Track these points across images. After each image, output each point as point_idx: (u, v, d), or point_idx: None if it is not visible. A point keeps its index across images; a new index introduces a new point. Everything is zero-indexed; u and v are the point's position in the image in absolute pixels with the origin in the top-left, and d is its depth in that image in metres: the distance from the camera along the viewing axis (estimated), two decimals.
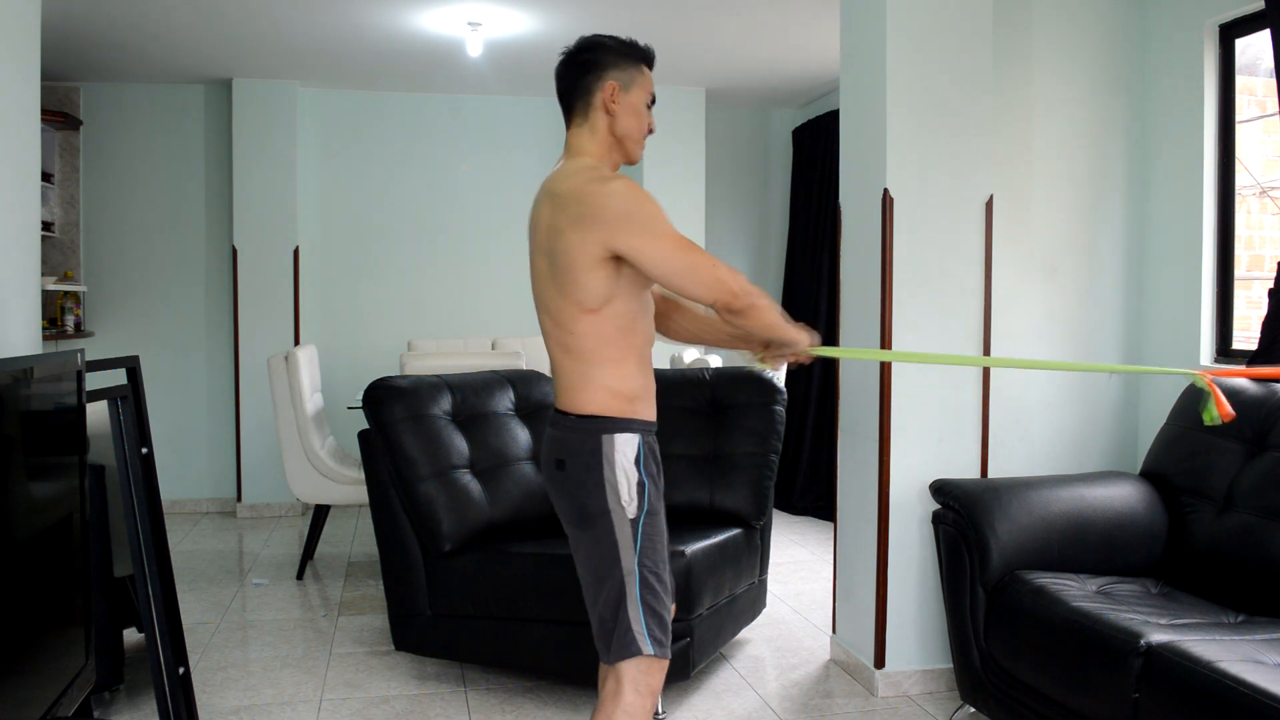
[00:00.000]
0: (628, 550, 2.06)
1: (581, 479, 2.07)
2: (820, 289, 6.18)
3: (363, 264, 6.43)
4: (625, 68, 2.16)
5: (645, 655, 2.04)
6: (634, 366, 2.11)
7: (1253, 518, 2.73)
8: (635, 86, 2.16)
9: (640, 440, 2.09)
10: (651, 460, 2.12)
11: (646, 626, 2.05)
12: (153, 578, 2.74)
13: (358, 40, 5.19)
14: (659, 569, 2.08)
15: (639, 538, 2.06)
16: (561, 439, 2.12)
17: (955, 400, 3.30)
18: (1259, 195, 3.83)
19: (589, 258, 2.02)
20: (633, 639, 2.04)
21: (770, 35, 5.09)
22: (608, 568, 2.06)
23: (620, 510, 2.05)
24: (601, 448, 2.06)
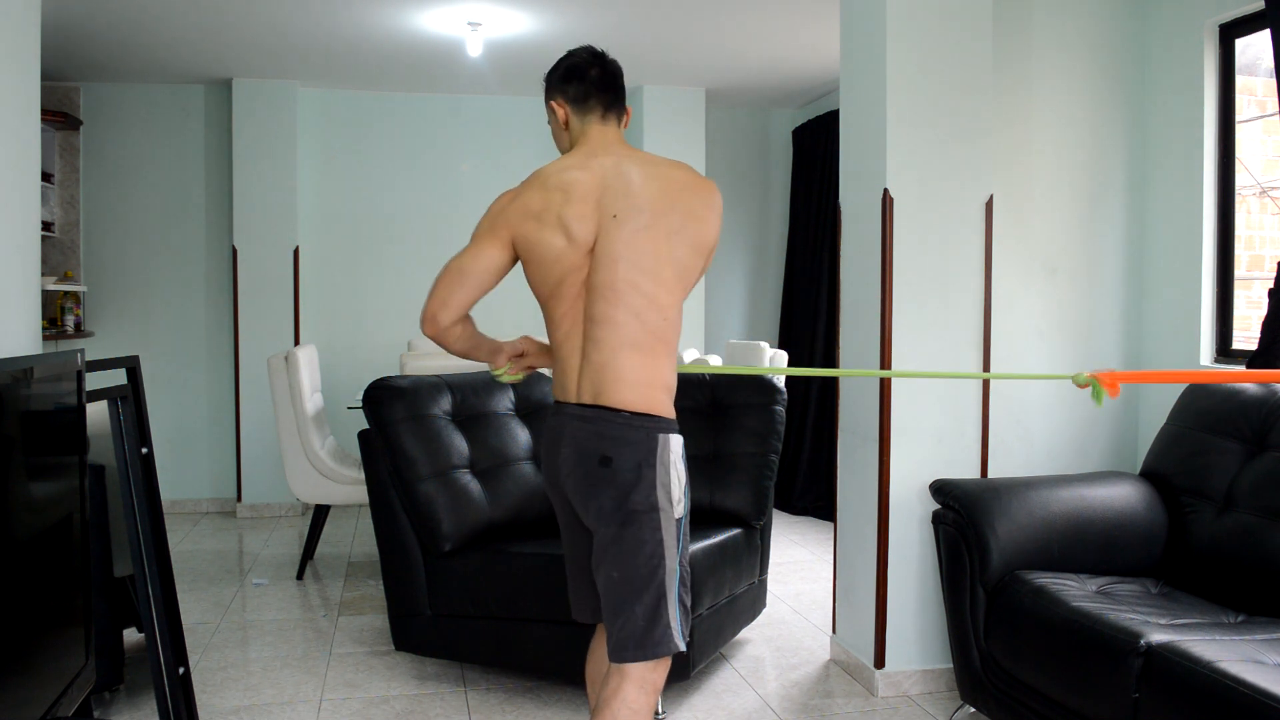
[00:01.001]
0: (672, 549, 2.06)
1: (632, 476, 2.05)
2: (820, 289, 6.18)
3: (363, 264, 6.43)
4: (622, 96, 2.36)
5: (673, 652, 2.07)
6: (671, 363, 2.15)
7: (1253, 518, 2.73)
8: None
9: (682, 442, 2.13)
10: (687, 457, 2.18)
11: (680, 624, 2.07)
12: (153, 578, 2.74)
13: (358, 40, 5.19)
14: (689, 567, 2.17)
15: (681, 537, 2.08)
16: (610, 436, 2.07)
17: (955, 400, 3.30)
18: (1259, 195, 3.83)
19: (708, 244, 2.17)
20: (670, 636, 2.05)
21: (770, 35, 5.09)
22: (652, 566, 2.05)
23: (670, 509, 2.06)
24: (658, 447, 2.06)
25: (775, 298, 6.95)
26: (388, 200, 6.45)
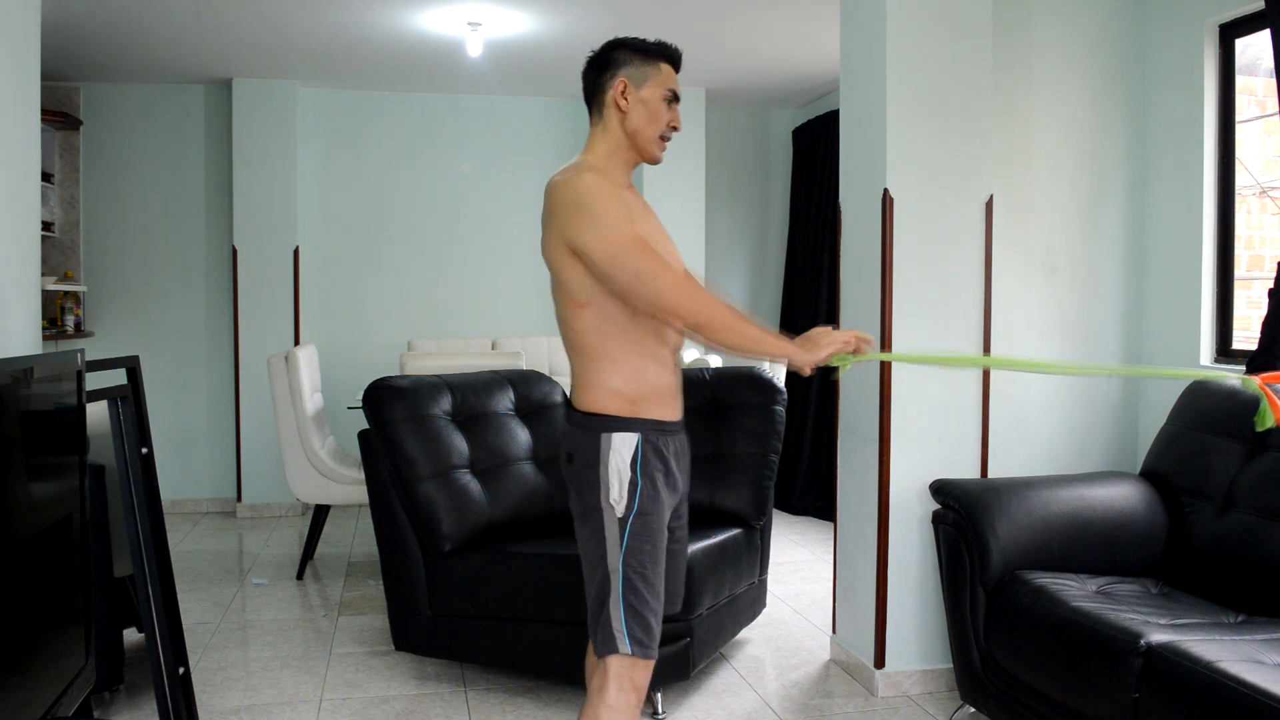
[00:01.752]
0: (614, 549, 2.08)
1: (583, 474, 2.11)
2: (820, 289, 6.18)
3: (363, 264, 6.43)
4: (639, 65, 2.18)
5: (623, 654, 2.06)
6: (637, 365, 2.11)
7: (1253, 518, 2.73)
8: (649, 83, 2.17)
9: (640, 440, 2.09)
10: (657, 461, 2.11)
11: (626, 626, 2.06)
12: (153, 578, 2.74)
13: (358, 40, 5.19)
14: (645, 570, 2.07)
15: (625, 538, 2.07)
16: (570, 434, 2.16)
17: (955, 400, 3.30)
18: (1259, 195, 3.83)
19: (558, 251, 2.08)
20: (612, 636, 2.07)
21: (770, 35, 5.09)
22: (596, 563, 2.10)
23: (610, 509, 2.07)
24: (600, 445, 2.08)
25: (775, 297, 6.95)
26: (388, 200, 6.44)
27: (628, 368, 2.10)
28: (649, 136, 2.19)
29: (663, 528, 2.13)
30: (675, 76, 2.21)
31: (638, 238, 2.02)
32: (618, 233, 2.01)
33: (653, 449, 2.10)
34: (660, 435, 2.13)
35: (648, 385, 2.12)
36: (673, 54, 2.22)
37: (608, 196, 2.05)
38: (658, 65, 2.19)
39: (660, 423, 2.14)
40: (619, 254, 2.01)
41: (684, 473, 2.24)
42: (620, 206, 2.05)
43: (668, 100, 2.18)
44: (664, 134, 2.20)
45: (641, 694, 2.11)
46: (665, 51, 2.21)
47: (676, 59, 2.22)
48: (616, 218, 2.02)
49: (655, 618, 2.09)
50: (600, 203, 2.04)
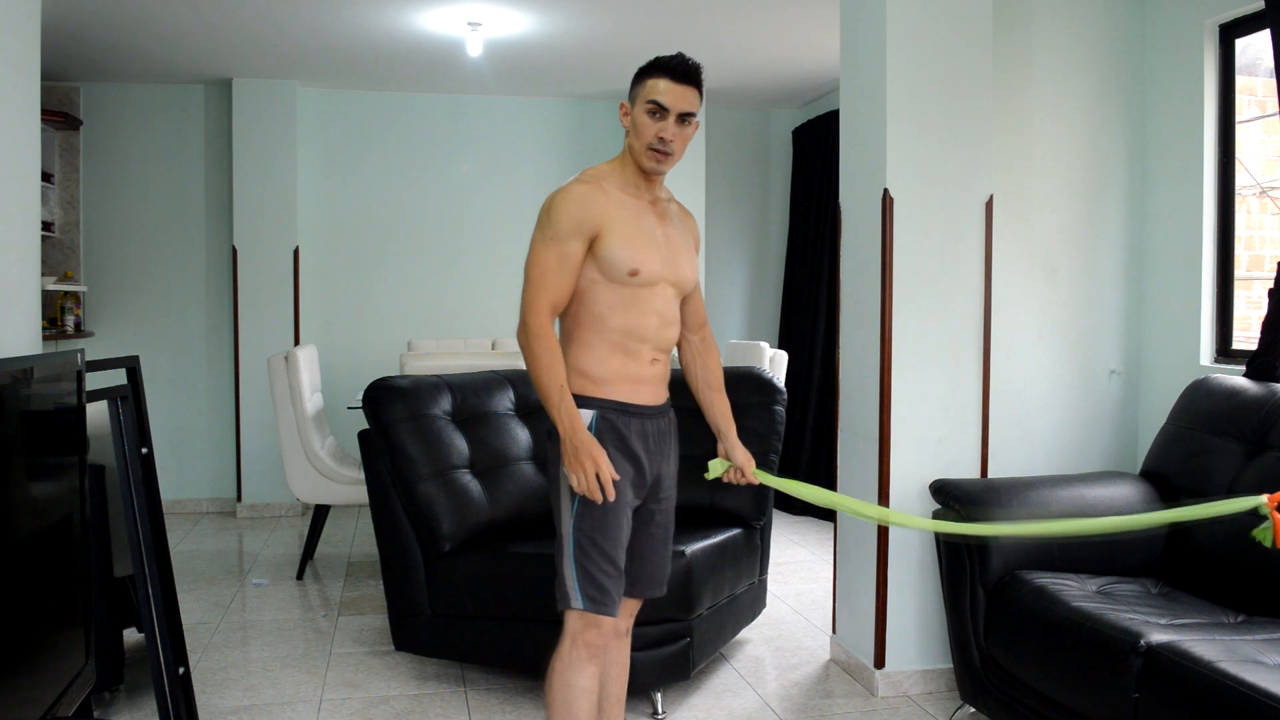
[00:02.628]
0: (566, 514, 2.28)
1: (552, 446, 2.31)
2: (820, 289, 6.18)
3: (363, 264, 6.43)
4: (635, 84, 2.33)
5: (576, 610, 2.26)
6: (605, 352, 2.29)
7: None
8: (637, 100, 2.30)
9: (596, 416, 2.27)
10: (611, 436, 2.27)
11: (579, 584, 2.25)
12: (153, 578, 2.74)
13: (358, 40, 5.19)
14: (595, 536, 2.25)
15: (575, 504, 2.26)
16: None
17: (955, 400, 3.30)
18: (1259, 195, 3.83)
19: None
20: (566, 592, 2.27)
21: (770, 35, 5.09)
22: (556, 525, 2.32)
23: (563, 477, 2.26)
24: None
25: (775, 298, 6.95)
26: (388, 200, 6.44)
27: (596, 353, 2.29)
28: (638, 150, 2.31)
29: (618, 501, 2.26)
30: (665, 87, 2.26)
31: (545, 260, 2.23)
32: (538, 246, 2.25)
33: (608, 425, 2.27)
34: (621, 414, 2.29)
35: (613, 371, 2.29)
36: (666, 65, 2.28)
37: (564, 212, 2.24)
38: (644, 82, 2.30)
39: (624, 404, 2.30)
40: (529, 260, 2.26)
41: (658, 455, 2.37)
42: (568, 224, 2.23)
43: (650, 113, 2.27)
44: (652, 145, 2.28)
45: (593, 651, 2.29)
46: (658, 64, 2.29)
47: (672, 69, 2.27)
48: (555, 230, 2.23)
49: (609, 579, 2.26)
50: (550, 214, 2.25)
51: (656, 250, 2.31)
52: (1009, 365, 3.55)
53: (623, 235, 2.25)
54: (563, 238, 2.22)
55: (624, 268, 2.25)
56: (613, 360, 2.29)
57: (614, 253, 2.24)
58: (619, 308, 2.27)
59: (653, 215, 2.34)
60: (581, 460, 2.18)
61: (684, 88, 2.26)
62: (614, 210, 2.27)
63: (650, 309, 2.31)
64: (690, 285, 2.42)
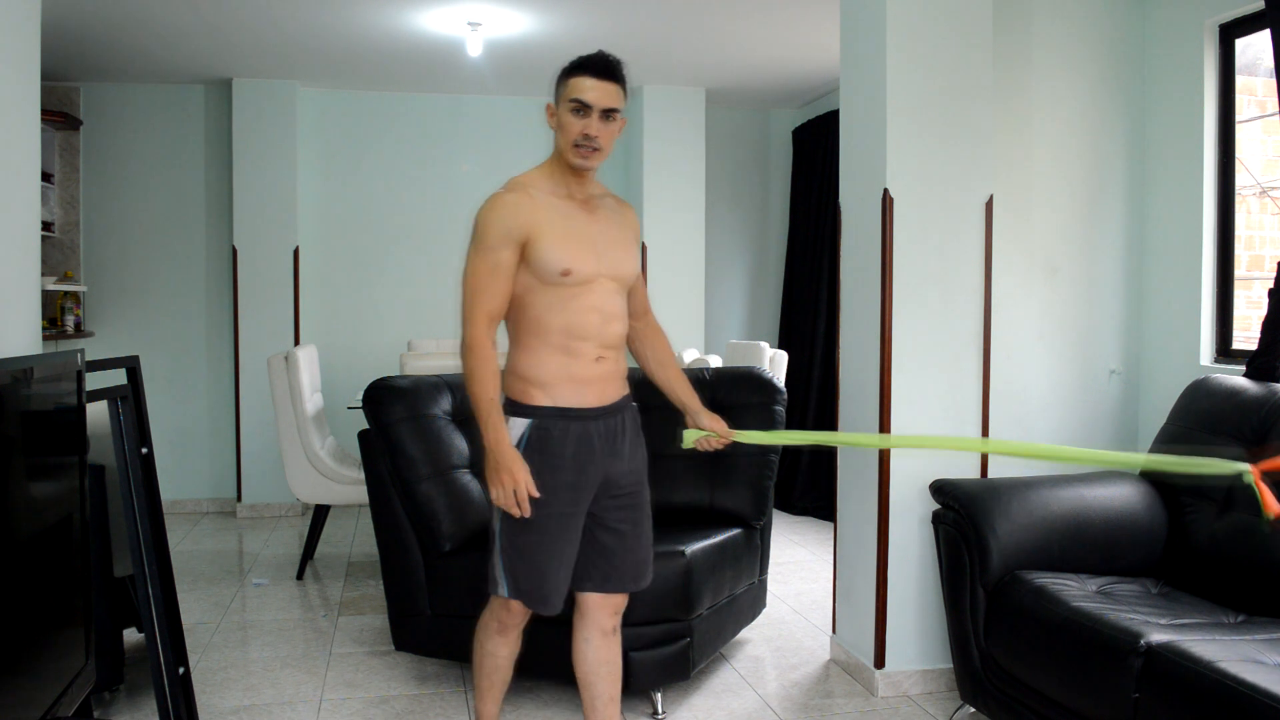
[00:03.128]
0: (496, 512, 2.40)
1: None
2: (820, 289, 6.18)
3: (363, 264, 6.43)
4: (558, 85, 2.39)
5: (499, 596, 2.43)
6: (545, 354, 2.35)
7: (1253, 518, 2.72)
8: (561, 100, 2.37)
9: (530, 426, 2.35)
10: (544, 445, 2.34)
11: (505, 576, 2.40)
12: (153, 578, 2.74)
13: (358, 40, 5.19)
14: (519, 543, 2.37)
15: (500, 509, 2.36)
16: None
17: (955, 400, 3.30)
18: (1259, 195, 3.83)
19: None
20: (495, 580, 2.43)
21: (770, 35, 5.09)
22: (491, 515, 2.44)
23: None
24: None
25: (775, 298, 6.95)
26: (388, 200, 6.44)
27: (537, 356, 2.36)
28: (565, 148, 2.37)
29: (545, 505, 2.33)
30: (589, 85, 2.31)
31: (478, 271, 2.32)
32: (471, 258, 2.34)
33: (542, 436, 2.34)
34: (559, 420, 2.35)
35: (554, 373, 2.35)
36: (588, 64, 2.32)
37: (489, 219, 2.31)
38: (567, 81, 2.35)
39: (565, 409, 2.35)
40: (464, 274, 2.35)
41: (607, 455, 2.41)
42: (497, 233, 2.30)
43: (574, 111, 2.32)
44: (578, 142, 2.34)
45: (502, 628, 2.50)
46: (580, 63, 2.34)
47: (594, 66, 2.32)
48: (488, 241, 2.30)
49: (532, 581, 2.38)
50: (481, 225, 2.33)
51: (589, 248, 2.35)
52: (1009, 365, 3.55)
53: (553, 237, 2.31)
54: (493, 247, 2.29)
55: (556, 269, 2.30)
56: (553, 362, 2.35)
57: (545, 255, 2.30)
58: (556, 308, 2.33)
59: (583, 214, 2.39)
60: (501, 475, 2.29)
61: (606, 84, 2.31)
62: (542, 214, 2.32)
63: (589, 306, 2.35)
64: (631, 277, 2.46)
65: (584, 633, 2.55)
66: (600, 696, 2.54)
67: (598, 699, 2.54)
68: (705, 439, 2.56)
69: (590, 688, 2.55)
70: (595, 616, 2.53)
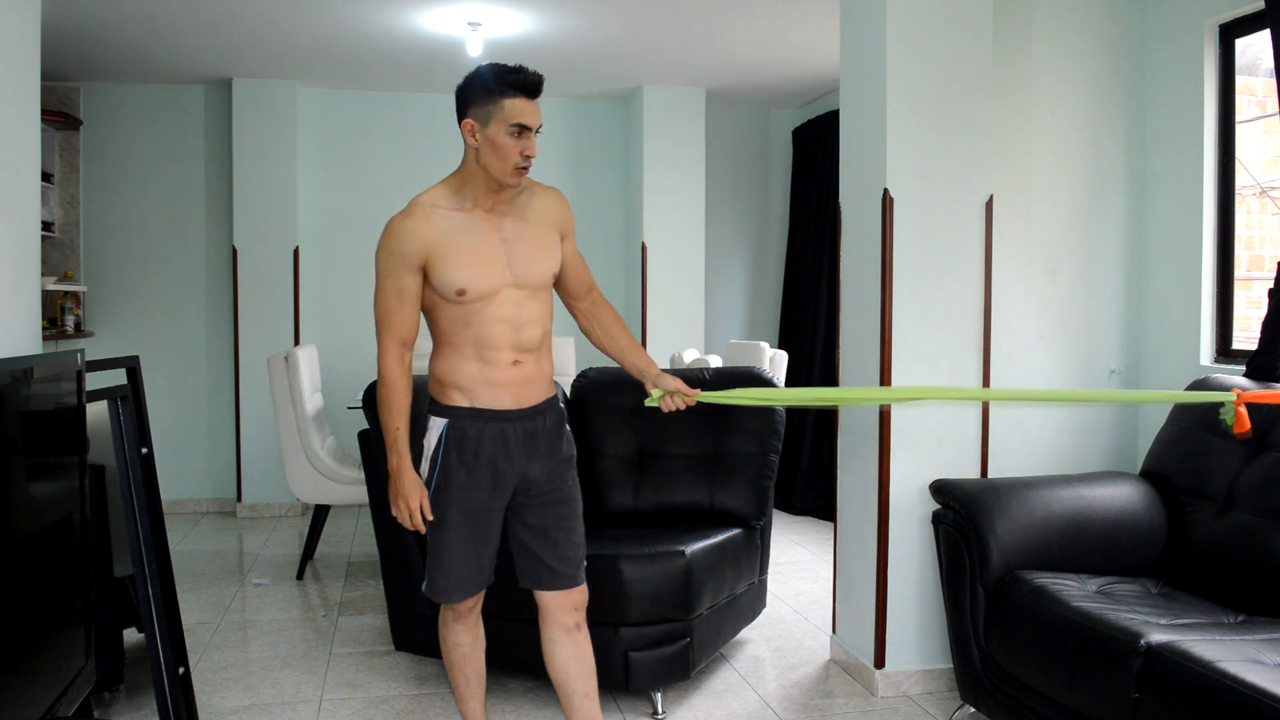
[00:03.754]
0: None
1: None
2: (820, 289, 6.18)
3: (363, 264, 6.37)
4: (483, 104, 2.33)
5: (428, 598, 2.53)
6: (460, 360, 2.41)
7: (1253, 518, 2.73)
8: (493, 121, 2.33)
9: (446, 425, 2.42)
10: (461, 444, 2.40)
11: (429, 571, 2.51)
12: (153, 578, 2.74)
13: (358, 40, 5.19)
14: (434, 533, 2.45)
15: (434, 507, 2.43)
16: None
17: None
18: (1259, 195, 3.83)
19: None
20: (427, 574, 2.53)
21: (770, 35, 5.09)
22: None
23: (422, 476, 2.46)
24: (424, 423, 2.47)
25: (775, 298, 6.95)
26: (388, 200, 6.38)
27: (452, 362, 2.42)
28: (501, 170, 2.36)
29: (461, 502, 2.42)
30: (525, 107, 2.32)
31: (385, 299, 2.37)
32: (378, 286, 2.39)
33: (456, 436, 2.41)
34: (474, 420, 2.41)
35: (469, 377, 2.40)
36: (521, 85, 2.32)
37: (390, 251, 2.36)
38: (499, 102, 2.32)
39: (480, 410, 2.41)
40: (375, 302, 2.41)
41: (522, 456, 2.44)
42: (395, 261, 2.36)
43: (513, 134, 2.32)
44: (519, 165, 2.35)
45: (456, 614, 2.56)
46: (513, 83, 2.32)
47: (528, 86, 2.33)
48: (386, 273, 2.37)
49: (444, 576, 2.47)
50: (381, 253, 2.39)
51: (489, 262, 2.37)
52: (1009, 365, 3.55)
53: (451, 259, 2.34)
54: (394, 274, 2.35)
55: (451, 290, 2.34)
56: (469, 368, 2.41)
57: (442, 277, 2.34)
58: (461, 323, 2.38)
59: (486, 226, 2.40)
60: (399, 501, 2.39)
61: (536, 103, 2.36)
62: (439, 236, 2.35)
63: (494, 318, 2.38)
64: (542, 279, 2.46)
65: (548, 633, 2.56)
66: (576, 693, 2.54)
67: (573, 695, 2.54)
68: (668, 397, 2.58)
69: (564, 686, 2.55)
70: (554, 615, 2.54)
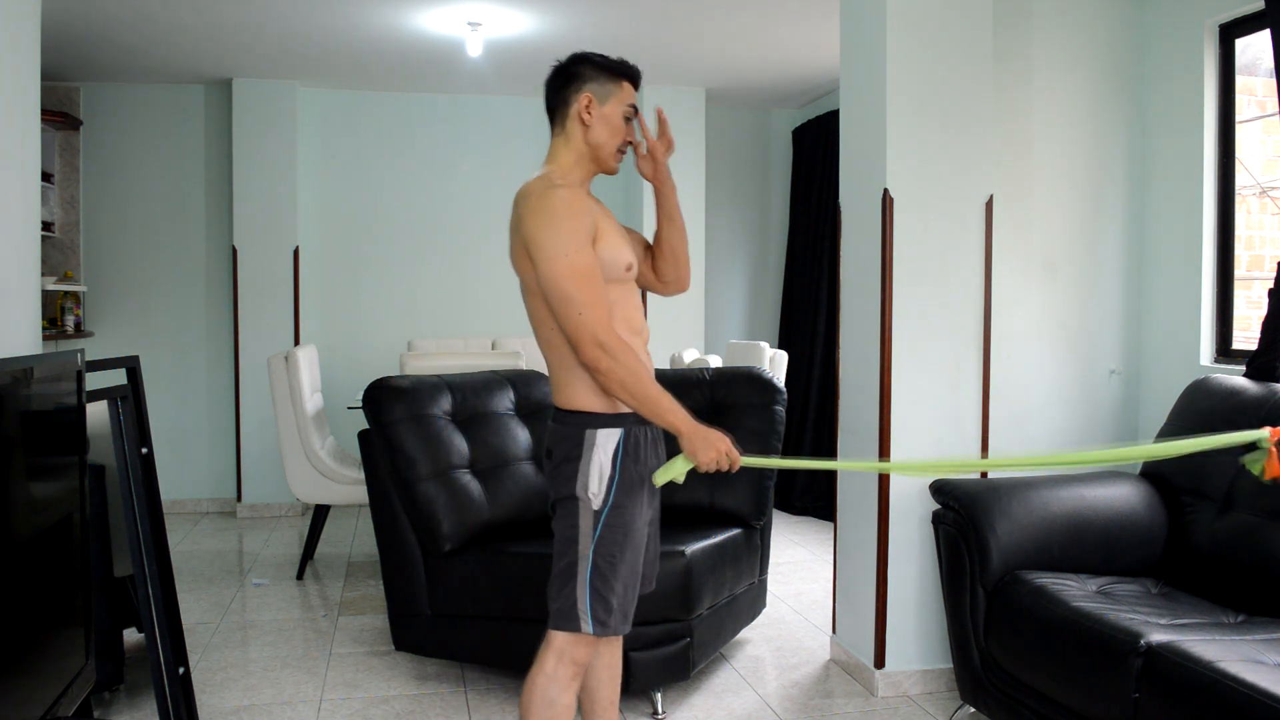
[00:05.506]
0: (586, 537, 2.19)
1: (561, 467, 2.22)
2: (820, 289, 6.18)
3: (363, 264, 6.43)
4: (604, 81, 2.28)
5: (580, 633, 2.19)
6: None
7: (1253, 518, 2.73)
8: (611, 100, 2.27)
9: (622, 435, 2.20)
10: (637, 454, 2.21)
11: (591, 608, 2.18)
12: (153, 578, 2.74)
13: (358, 40, 5.19)
14: (614, 558, 2.19)
15: (599, 528, 2.19)
16: (552, 430, 2.27)
17: (955, 400, 3.30)
18: (1259, 195, 3.83)
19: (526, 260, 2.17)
20: (576, 615, 2.19)
21: (770, 35, 5.09)
22: (567, 546, 2.22)
23: (587, 500, 2.18)
24: (583, 440, 2.19)
25: (775, 298, 6.95)
26: (388, 200, 6.44)
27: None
28: (610, 150, 2.28)
29: (636, 518, 2.22)
30: (634, 94, 2.32)
31: (582, 268, 2.10)
32: (567, 258, 2.10)
33: (633, 444, 2.21)
34: (639, 426, 2.23)
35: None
36: (634, 73, 2.32)
37: (574, 217, 2.13)
38: (620, 83, 2.29)
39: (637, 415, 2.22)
40: (558, 277, 2.10)
41: (660, 459, 2.31)
42: (582, 230, 2.13)
43: (628, 117, 2.30)
44: (621, 148, 2.30)
45: (580, 669, 2.24)
46: (627, 70, 2.31)
47: (637, 78, 2.32)
48: (570, 242, 2.11)
49: (618, 600, 2.20)
50: (566, 222, 2.12)
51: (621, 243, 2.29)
52: (1009, 365, 3.55)
53: (607, 236, 2.21)
54: (583, 247, 2.12)
55: (621, 265, 2.22)
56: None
57: (609, 253, 2.19)
58: (618, 305, 2.20)
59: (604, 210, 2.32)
60: (712, 451, 2.15)
61: None
62: (596, 213, 2.22)
63: (637, 301, 2.31)
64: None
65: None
66: (602, 700, 2.51)
67: (599, 703, 2.51)
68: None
69: (592, 692, 2.50)
70: None
